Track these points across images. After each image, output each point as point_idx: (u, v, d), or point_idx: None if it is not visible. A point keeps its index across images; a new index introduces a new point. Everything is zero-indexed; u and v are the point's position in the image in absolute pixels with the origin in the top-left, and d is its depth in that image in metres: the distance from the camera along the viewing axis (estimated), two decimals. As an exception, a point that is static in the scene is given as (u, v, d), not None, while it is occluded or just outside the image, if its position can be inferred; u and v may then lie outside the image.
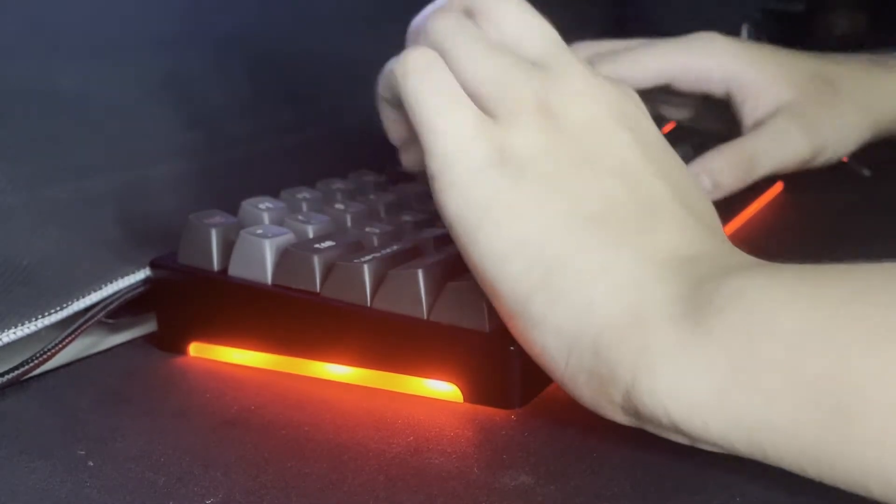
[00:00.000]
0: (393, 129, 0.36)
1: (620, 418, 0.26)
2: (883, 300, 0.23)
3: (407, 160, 0.37)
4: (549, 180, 0.28)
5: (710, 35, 0.50)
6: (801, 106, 0.49)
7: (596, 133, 0.29)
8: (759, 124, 0.49)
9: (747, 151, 0.48)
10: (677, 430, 0.25)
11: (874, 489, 0.22)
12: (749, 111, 0.50)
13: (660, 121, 0.56)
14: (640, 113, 0.31)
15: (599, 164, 0.29)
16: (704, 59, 0.49)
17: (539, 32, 0.32)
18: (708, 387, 0.24)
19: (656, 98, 0.53)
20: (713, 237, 0.29)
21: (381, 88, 0.34)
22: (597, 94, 0.30)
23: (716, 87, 0.50)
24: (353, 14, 0.64)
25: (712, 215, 0.31)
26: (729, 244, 0.29)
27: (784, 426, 0.23)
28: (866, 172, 0.57)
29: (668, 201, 0.29)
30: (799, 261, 0.27)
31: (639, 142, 0.30)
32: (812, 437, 0.23)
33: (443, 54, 0.31)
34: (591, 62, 0.48)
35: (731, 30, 0.80)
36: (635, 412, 0.25)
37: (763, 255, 0.29)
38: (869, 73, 0.53)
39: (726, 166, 0.47)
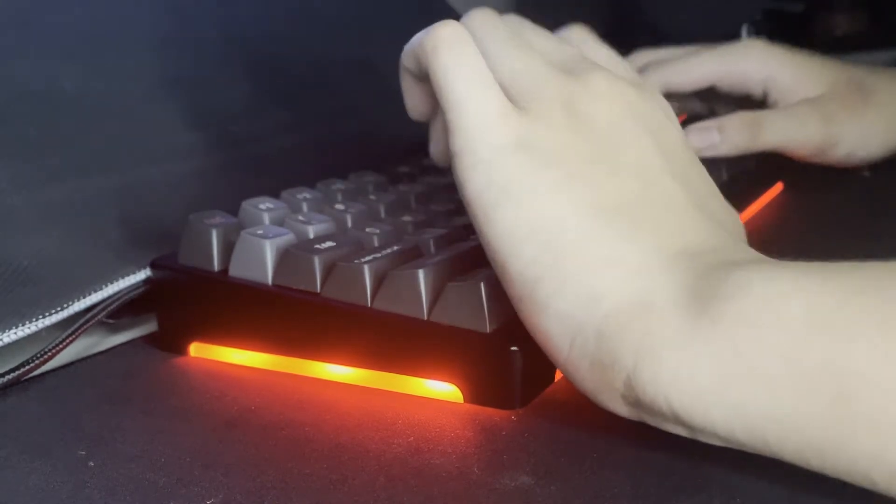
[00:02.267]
0: (414, 105, 0.35)
1: (620, 408, 0.26)
2: (886, 294, 0.23)
3: (434, 145, 0.36)
4: (569, 172, 0.29)
5: (752, 42, 0.56)
6: (825, 100, 0.53)
7: (616, 134, 0.30)
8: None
9: (758, 118, 0.52)
10: (677, 419, 0.25)
11: (878, 479, 0.22)
12: (782, 105, 0.54)
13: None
14: (663, 116, 0.32)
15: (617, 162, 0.29)
16: (744, 63, 0.54)
17: (561, 46, 0.33)
18: (711, 375, 0.24)
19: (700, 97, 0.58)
20: (726, 236, 0.29)
21: (406, 60, 0.33)
22: (619, 98, 0.31)
23: (754, 88, 0.54)
24: (353, 14, 0.64)
25: (733, 220, 0.32)
26: (744, 244, 0.30)
27: (787, 415, 0.23)
28: (866, 172, 0.57)
29: (683, 202, 0.29)
30: (800, 260, 0.27)
31: (658, 144, 0.31)
32: (815, 426, 0.23)
33: (477, 44, 0.31)
34: (646, 69, 0.55)
35: (731, 30, 0.80)
36: (636, 400, 0.26)
37: (763, 254, 0.29)
38: None
39: (737, 123, 0.51)
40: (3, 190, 0.38)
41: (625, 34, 0.57)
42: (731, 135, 0.50)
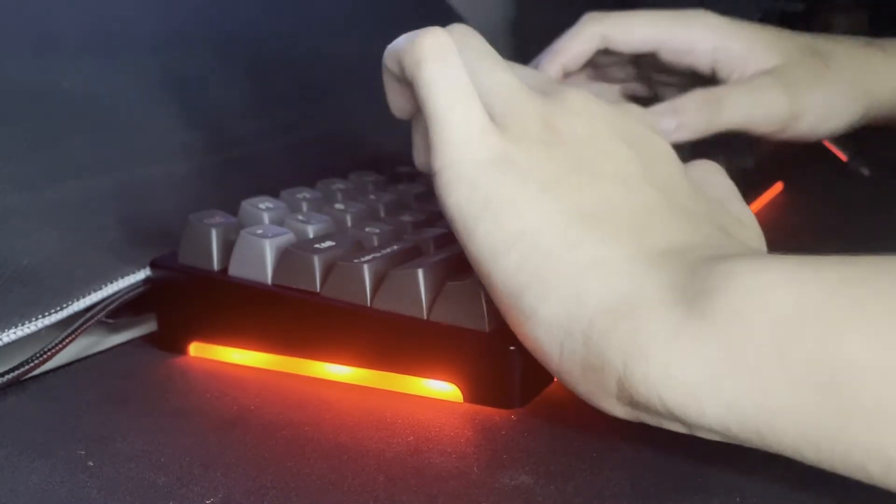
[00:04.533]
0: (397, 105, 0.34)
1: (617, 410, 0.26)
2: (881, 286, 0.23)
3: (417, 152, 0.35)
4: (549, 182, 0.29)
5: (700, 11, 0.51)
6: (786, 68, 0.49)
7: (595, 147, 0.30)
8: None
9: (717, 94, 0.47)
10: (672, 416, 0.25)
11: (874, 470, 0.22)
12: (735, 80, 0.49)
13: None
14: (643, 129, 0.32)
15: (596, 173, 0.29)
16: (691, 30, 0.50)
17: (534, 72, 0.34)
18: (702, 371, 0.24)
19: (654, 80, 0.54)
20: (712, 231, 0.29)
21: (389, 62, 0.33)
22: (596, 114, 0.31)
23: (702, 59, 0.50)
24: (352, 14, 0.64)
25: (717, 223, 0.31)
26: (734, 240, 0.29)
27: (781, 409, 0.23)
28: (866, 172, 0.57)
29: (666, 208, 0.29)
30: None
31: (638, 156, 0.31)
32: (809, 419, 0.23)
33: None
34: (588, 19, 0.50)
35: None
36: (630, 400, 0.25)
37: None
38: (864, 53, 0.52)
39: (692, 105, 0.46)
40: (3, 190, 0.38)
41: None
42: (689, 117, 0.46)
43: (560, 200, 0.28)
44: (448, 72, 0.30)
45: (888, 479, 0.22)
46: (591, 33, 0.50)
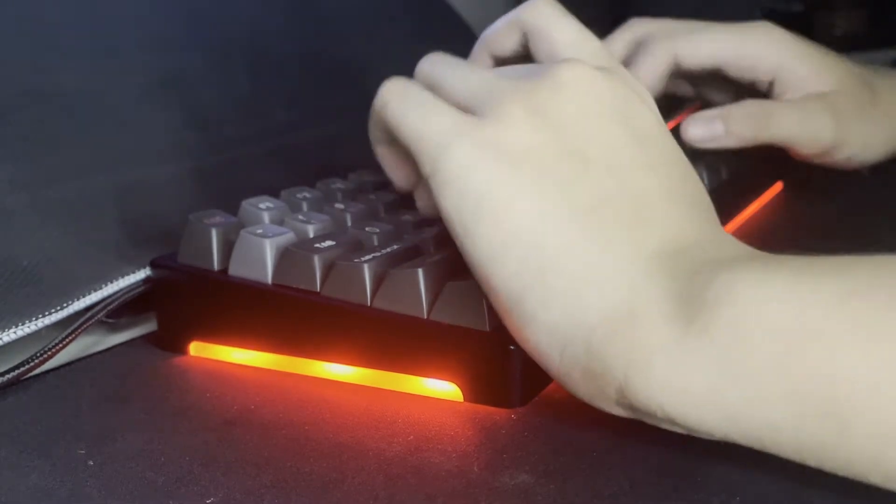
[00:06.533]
0: (395, 172, 0.36)
1: (617, 411, 0.27)
2: (878, 299, 0.23)
3: (420, 204, 0.36)
4: (540, 173, 0.28)
5: (766, 24, 0.51)
6: (837, 97, 0.50)
7: (584, 127, 0.30)
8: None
9: (767, 109, 0.48)
10: (673, 423, 0.25)
11: (875, 479, 0.22)
12: (789, 98, 0.50)
13: (682, 103, 0.55)
14: (636, 99, 0.31)
15: (587, 158, 0.29)
16: (758, 46, 0.50)
17: (521, 66, 0.33)
18: (702, 383, 0.24)
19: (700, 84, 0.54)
20: (705, 226, 0.29)
21: (372, 131, 0.34)
22: (585, 87, 0.30)
23: (763, 75, 0.50)
24: (353, 14, 0.64)
25: (707, 205, 0.31)
26: (722, 232, 0.29)
27: (780, 422, 0.23)
28: (866, 173, 0.57)
29: (659, 194, 0.29)
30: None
31: (629, 134, 0.30)
32: (809, 432, 0.23)
33: (433, 86, 0.32)
34: (650, 39, 0.50)
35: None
36: (630, 406, 0.26)
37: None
38: None
39: (744, 113, 0.47)
40: (2, 190, 0.38)
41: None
42: (737, 125, 0.47)
43: (554, 193, 0.28)
44: (410, 95, 0.31)
45: (889, 486, 0.22)
46: (663, 52, 0.49)
